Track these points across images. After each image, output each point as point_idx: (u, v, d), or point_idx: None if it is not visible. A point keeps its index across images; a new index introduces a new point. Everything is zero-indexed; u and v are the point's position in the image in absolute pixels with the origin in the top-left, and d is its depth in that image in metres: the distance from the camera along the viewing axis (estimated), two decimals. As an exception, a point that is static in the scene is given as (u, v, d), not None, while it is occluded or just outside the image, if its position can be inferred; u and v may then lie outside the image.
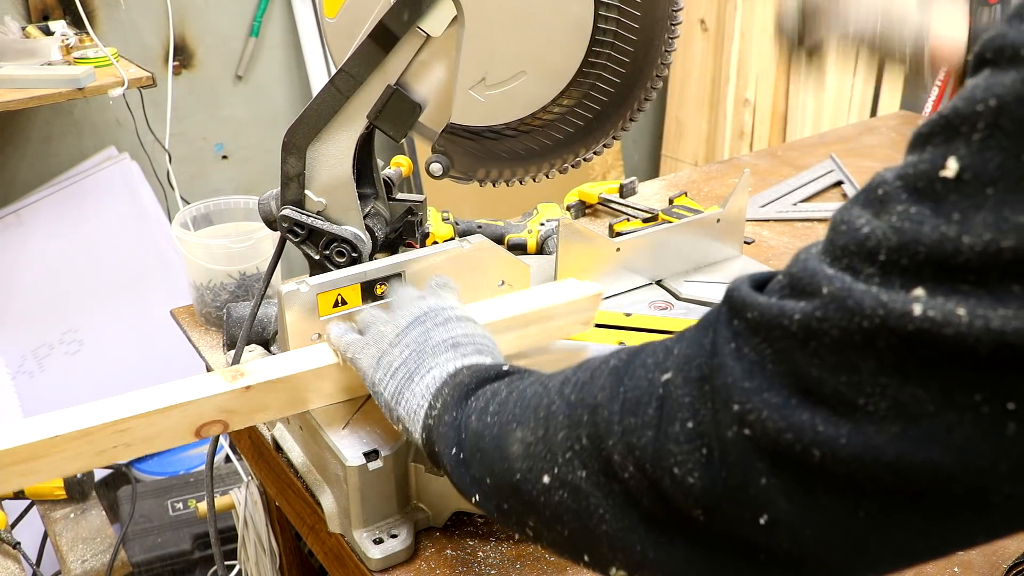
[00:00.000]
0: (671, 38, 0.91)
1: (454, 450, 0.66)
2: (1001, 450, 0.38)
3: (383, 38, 0.87)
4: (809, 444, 0.42)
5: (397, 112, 0.91)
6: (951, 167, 0.39)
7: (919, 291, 0.39)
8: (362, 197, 0.98)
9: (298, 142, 0.93)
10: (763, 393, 0.43)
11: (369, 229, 0.99)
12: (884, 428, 0.40)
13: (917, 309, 0.39)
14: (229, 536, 1.70)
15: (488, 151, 0.96)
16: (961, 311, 0.38)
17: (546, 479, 0.55)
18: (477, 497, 0.63)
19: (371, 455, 0.83)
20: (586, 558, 0.55)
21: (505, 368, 0.71)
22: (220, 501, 1.41)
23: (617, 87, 0.90)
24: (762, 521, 0.44)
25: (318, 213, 0.96)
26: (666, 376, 0.49)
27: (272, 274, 1.02)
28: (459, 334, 0.77)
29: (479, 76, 0.89)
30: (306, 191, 0.95)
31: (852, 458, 0.41)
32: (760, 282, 0.48)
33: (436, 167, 0.95)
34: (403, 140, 0.98)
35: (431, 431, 0.69)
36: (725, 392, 0.45)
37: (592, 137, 0.95)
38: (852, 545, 0.44)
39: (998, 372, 0.37)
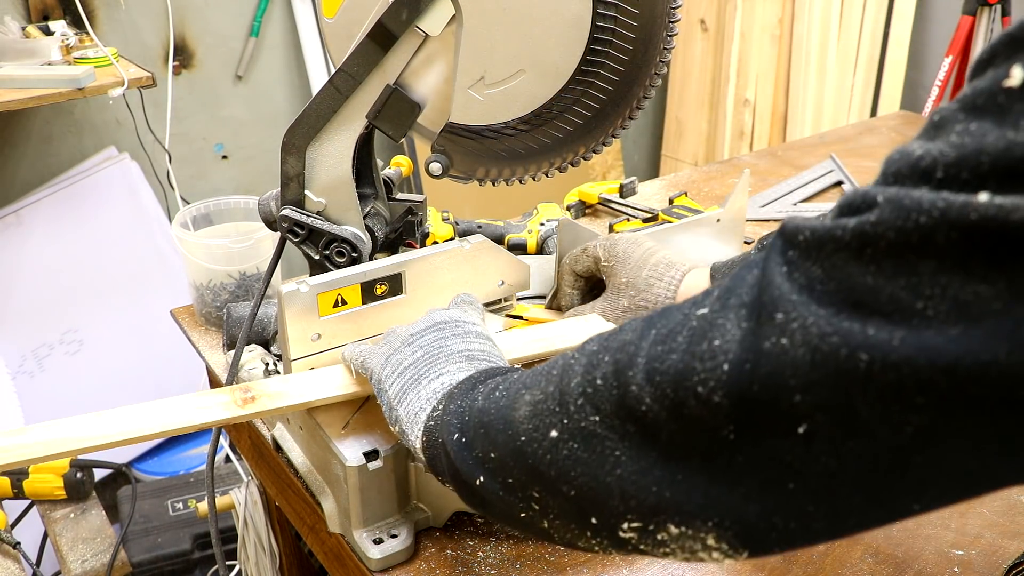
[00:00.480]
0: (670, 36, 0.91)
1: (456, 435, 0.63)
2: None
3: (382, 37, 0.87)
4: (857, 348, 0.39)
5: (396, 112, 0.91)
6: (1016, 75, 0.37)
7: (983, 195, 0.36)
8: (362, 197, 0.98)
9: (297, 142, 0.93)
10: (811, 305, 0.41)
11: (369, 229, 0.99)
12: (943, 331, 0.37)
13: (982, 198, 0.36)
14: (229, 536, 1.70)
15: (487, 150, 0.96)
16: None
17: (554, 433, 0.53)
18: (482, 478, 0.60)
19: (371, 455, 0.83)
20: (593, 520, 0.53)
21: (518, 367, 0.70)
22: (220, 501, 1.41)
23: (616, 85, 0.90)
24: (801, 431, 0.41)
25: (318, 213, 0.96)
26: (702, 311, 0.47)
27: (272, 274, 1.02)
28: (476, 349, 0.75)
29: (478, 75, 0.89)
30: (306, 191, 0.95)
31: (904, 361, 0.38)
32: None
33: (435, 166, 0.95)
34: (403, 140, 0.97)
35: (432, 432, 0.67)
36: (771, 305, 0.42)
37: (591, 135, 0.95)
38: (895, 468, 0.41)
39: None
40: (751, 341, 0.43)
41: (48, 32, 2.33)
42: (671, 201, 1.53)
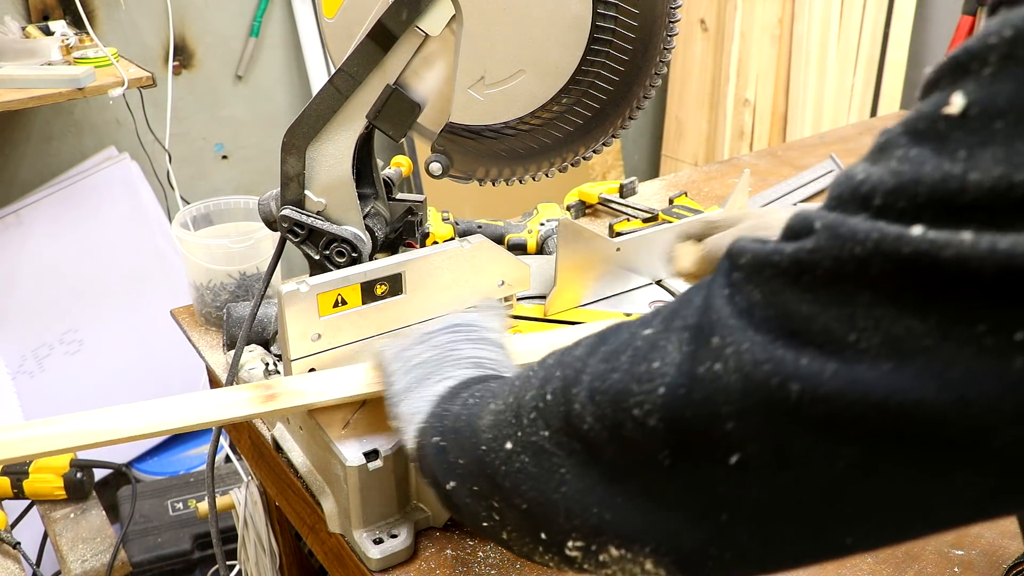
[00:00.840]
0: (670, 36, 0.91)
1: (436, 438, 0.64)
2: (1005, 386, 0.34)
3: (382, 37, 0.87)
4: (788, 378, 0.38)
5: (396, 111, 0.91)
6: (956, 103, 0.36)
7: (917, 228, 0.36)
8: (362, 197, 0.98)
9: (297, 142, 0.93)
10: (747, 330, 0.41)
11: (369, 229, 0.99)
12: (875, 365, 0.37)
13: (915, 232, 0.36)
14: (229, 536, 1.70)
15: (488, 150, 0.96)
16: (965, 236, 0.34)
17: (509, 444, 0.54)
18: (453, 483, 0.61)
19: (371, 455, 0.83)
20: (543, 535, 0.53)
21: (507, 374, 0.70)
22: (220, 501, 1.41)
23: (616, 85, 0.90)
24: (733, 461, 0.41)
25: (318, 213, 0.96)
26: (648, 331, 0.47)
27: (272, 274, 1.02)
28: (485, 356, 0.74)
29: (478, 75, 0.88)
30: (306, 191, 0.95)
31: (835, 394, 0.37)
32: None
33: (436, 166, 0.95)
34: (403, 140, 0.97)
35: (422, 433, 0.67)
36: (708, 328, 0.42)
37: (591, 135, 0.95)
38: (828, 502, 0.40)
39: (1005, 299, 0.34)
40: (688, 366, 0.42)
41: (48, 32, 2.33)
42: (671, 201, 1.53)
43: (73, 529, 1.75)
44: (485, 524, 0.59)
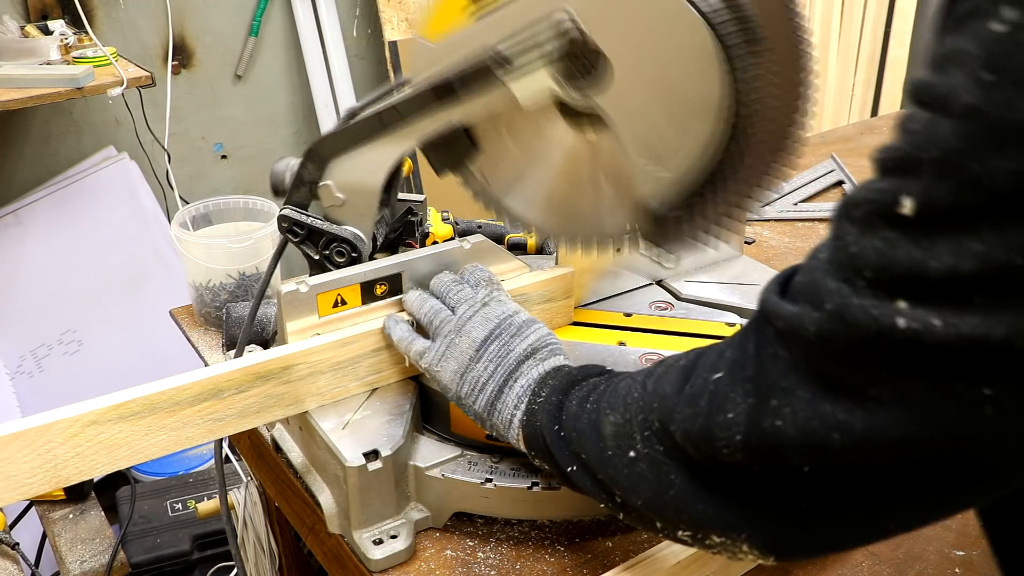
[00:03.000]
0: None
1: (556, 427, 0.75)
2: (981, 425, 0.47)
3: (444, 93, 0.85)
4: (831, 429, 0.51)
5: (449, 146, 0.90)
6: (907, 206, 0.46)
7: (901, 303, 0.47)
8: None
9: (323, 153, 0.92)
10: (796, 390, 0.53)
11: (369, 229, 0.98)
12: (890, 413, 0.48)
13: (901, 323, 0.46)
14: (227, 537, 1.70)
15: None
16: (936, 322, 0.45)
17: (631, 454, 0.66)
18: (574, 467, 0.73)
19: (371, 455, 0.82)
20: (657, 524, 0.66)
21: (606, 368, 0.80)
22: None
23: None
24: (804, 469, 0.53)
25: (328, 207, 0.95)
26: (717, 375, 0.59)
27: (272, 274, 1.02)
28: (534, 341, 0.84)
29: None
30: (327, 182, 0.94)
31: (864, 440, 0.49)
32: (784, 280, 0.57)
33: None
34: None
35: (532, 415, 0.78)
36: (766, 390, 0.54)
37: None
38: (871, 501, 0.53)
39: (972, 365, 0.46)
40: (755, 419, 0.55)
41: (47, 31, 2.32)
42: (671, 201, 1.53)
43: (72, 530, 1.75)
44: (604, 505, 0.72)
